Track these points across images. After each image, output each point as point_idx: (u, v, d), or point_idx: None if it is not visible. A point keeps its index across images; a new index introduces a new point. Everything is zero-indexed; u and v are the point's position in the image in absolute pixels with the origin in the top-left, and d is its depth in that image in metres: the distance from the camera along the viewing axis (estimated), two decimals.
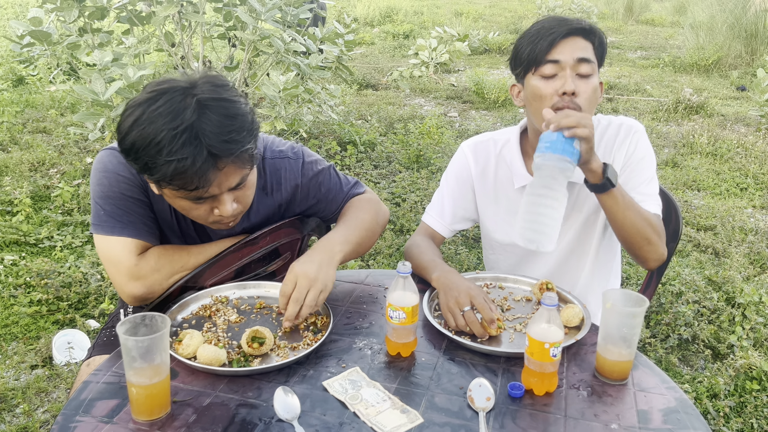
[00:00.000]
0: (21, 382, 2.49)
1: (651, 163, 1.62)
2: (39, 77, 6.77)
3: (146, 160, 1.24)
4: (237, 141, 1.26)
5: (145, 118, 1.23)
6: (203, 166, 1.23)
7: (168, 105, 1.23)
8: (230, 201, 1.36)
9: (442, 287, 1.48)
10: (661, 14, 14.87)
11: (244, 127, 1.29)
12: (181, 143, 1.21)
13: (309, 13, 4.43)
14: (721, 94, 7.55)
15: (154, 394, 1.12)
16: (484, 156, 1.75)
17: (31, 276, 3.15)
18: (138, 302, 1.47)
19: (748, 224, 3.97)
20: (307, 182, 1.60)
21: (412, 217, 3.93)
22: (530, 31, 1.56)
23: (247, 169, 1.34)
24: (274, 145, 1.60)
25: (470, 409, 1.17)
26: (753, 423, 2.28)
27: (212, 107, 1.25)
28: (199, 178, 1.25)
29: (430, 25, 11.83)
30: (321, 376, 1.26)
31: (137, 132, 1.23)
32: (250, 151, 1.32)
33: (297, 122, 4.88)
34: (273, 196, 1.58)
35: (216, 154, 1.24)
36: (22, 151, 4.87)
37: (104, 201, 1.44)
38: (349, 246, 1.52)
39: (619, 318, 1.22)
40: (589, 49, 1.53)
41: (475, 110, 6.83)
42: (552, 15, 1.59)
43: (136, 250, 1.45)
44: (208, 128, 1.23)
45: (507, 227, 1.76)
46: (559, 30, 1.51)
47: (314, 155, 1.64)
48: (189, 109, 1.23)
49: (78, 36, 4.09)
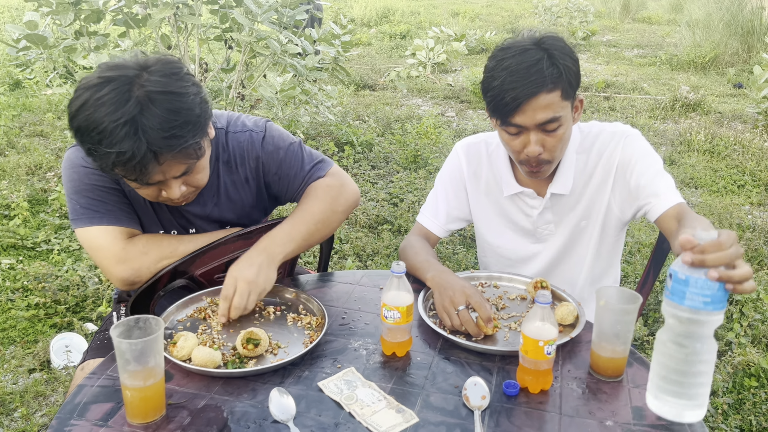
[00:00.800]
0: (19, 386, 2.48)
1: (654, 161, 1.57)
2: (36, 81, 6.77)
3: (89, 146, 1.25)
4: (179, 137, 1.26)
5: (90, 104, 1.23)
6: (142, 160, 1.24)
7: (113, 94, 1.22)
8: (177, 185, 1.37)
9: (436, 287, 1.48)
10: (657, 12, 14.89)
11: (189, 121, 1.27)
12: (121, 136, 1.21)
13: (305, 14, 4.43)
14: (717, 91, 7.56)
15: (148, 397, 1.12)
16: (476, 157, 1.75)
17: (29, 280, 3.15)
18: (126, 285, 1.48)
19: (745, 221, 3.97)
20: (268, 157, 1.58)
21: (410, 217, 3.93)
22: (493, 84, 1.45)
23: (191, 160, 1.34)
24: (239, 120, 1.60)
25: (465, 407, 1.17)
26: (752, 420, 2.28)
27: (157, 101, 1.24)
28: (139, 171, 1.26)
29: (426, 26, 11.84)
30: (316, 377, 1.26)
31: (83, 117, 1.24)
32: (195, 146, 1.31)
33: (294, 123, 4.88)
34: (238, 171, 1.58)
35: (156, 150, 1.25)
36: (19, 155, 4.87)
37: (78, 195, 1.45)
38: (293, 245, 1.50)
39: (613, 315, 1.22)
40: (554, 101, 1.43)
41: (473, 110, 6.84)
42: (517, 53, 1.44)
43: (121, 235, 1.46)
44: (149, 123, 1.22)
45: (498, 228, 1.76)
46: (522, 93, 1.41)
47: (280, 131, 1.62)
48: (132, 102, 1.22)
49: (74, 39, 4.09)
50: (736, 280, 0.98)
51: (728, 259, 0.98)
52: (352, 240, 3.66)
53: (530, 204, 1.69)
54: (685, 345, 1.03)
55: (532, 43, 1.46)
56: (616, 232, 1.69)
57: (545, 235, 1.72)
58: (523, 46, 1.46)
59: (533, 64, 1.42)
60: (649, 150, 1.60)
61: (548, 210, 1.68)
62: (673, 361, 1.04)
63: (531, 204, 1.69)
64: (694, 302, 0.99)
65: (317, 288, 1.63)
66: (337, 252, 3.55)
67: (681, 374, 1.04)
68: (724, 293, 0.99)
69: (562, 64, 1.44)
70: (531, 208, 1.69)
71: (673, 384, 1.05)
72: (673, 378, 1.05)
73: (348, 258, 3.47)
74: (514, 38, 1.52)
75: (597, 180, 1.63)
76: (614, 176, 1.61)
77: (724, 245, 0.98)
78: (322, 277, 1.70)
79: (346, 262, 3.40)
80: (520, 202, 1.71)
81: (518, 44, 1.47)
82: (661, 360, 1.06)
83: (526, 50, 1.44)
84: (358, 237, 3.68)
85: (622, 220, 1.65)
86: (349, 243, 3.63)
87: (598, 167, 1.63)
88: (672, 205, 1.49)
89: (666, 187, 1.52)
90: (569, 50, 1.49)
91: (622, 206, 1.62)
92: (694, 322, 1.01)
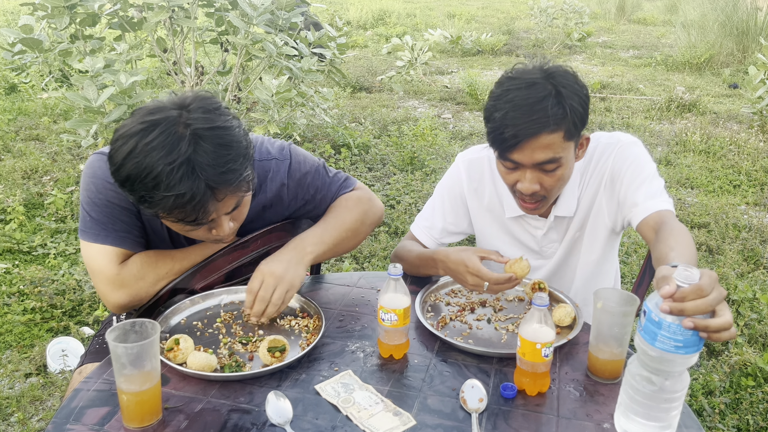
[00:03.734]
0: (15, 391, 2.47)
1: (642, 168, 1.54)
2: (31, 85, 6.75)
3: (143, 194, 1.22)
4: (234, 170, 1.25)
5: (139, 150, 1.20)
6: (202, 199, 1.22)
7: (163, 137, 1.20)
8: (227, 222, 1.35)
9: (450, 275, 1.53)
10: (652, 13, 14.93)
11: (240, 154, 1.26)
12: (178, 178, 1.19)
13: (300, 16, 4.43)
14: (713, 91, 7.58)
15: (145, 401, 1.11)
16: (478, 174, 1.72)
17: (25, 284, 3.14)
18: (123, 310, 1.47)
19: (741, 221, 3.98)
20: (295, 184, 1.58)
21: (407, 219, 3.93)
22: (495, 115, 1.41)
23: (244, 193, 1.33)
24: (263, 147, 1.58)
25: (463, 410, 1.17)
26: (749, 419, 2.28)
27: (207, 137, 1.22)
28: (198, 211, 1.24)
29: (423, 28, 11.85)
30: (313, 380, 1.25)
31: (132, 165, 1.20)
32: (248, 178, 1.30)
33: (290, 126, 4.88)
34: (257, 198, 1.57)
35: (214, 187, 1.23)
36: (15, 159, 4.85)
37: (91, 207, 1.43)
38: (323, 246, 1.50)
39: (611, 317, 1.22)
40: (555, 142, 1.39)
41: (469, 111, 6.84)
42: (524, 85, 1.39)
43: (117, 258, 1.44)
44: (205, 161, 1.20)
45: (502, 247, 1.75)
46: (523, 131, 1.37)
47: (304, 154, 1.62)
48: (184, 141, 1.20)
49: (69, 43, 4.08)
50: (713, 329, 0.94)
51: (708, 307, 0.94)
52: None
53: (534, 225, 1.69)
54: (654, 383, 1.03)
55: (541, 76, 1.40)
56: (610, 240, 1.69)
57: (550, 252, 1.72)
58: (532, 79, 1.40)
59: (538, 101, 1.37)
60: (641, 158, 1.56)
61: (552, 230, 1.68)
62: (640, 395, 1.05)
63: (535, 225, 1.68)
64: (665, 345, 0.97)
65: (314, 290, 1.63)
66: None
67: (649, 407, 1.05)
68: (699, 338, 0.96)
69: (569, 104, 1.38)
70: (535, 228, 1.69)
71: (643, 407, 1.06)
72: (642, 406, 1.05)
73: (345, 260, 3.46)
74: (524, 66, 1.46)
75: (591, 192, 1.63)
76: (605, 188, 1.60)
77: (704, 290, 0.94)
78: (319, 279, 1.70)
79: (343, 264, 3.40)
80: (524, 223, 1.70)
81: (527, 75, 1.41)
82: (631, 390, 1.07)
83: (533, 84, 1.39)
84: None
85: (614, 230, 1.66)
86: None
87: (593, 180, 1.62)
88: (649, 213, 1.46)
89: (646, 195, 1.49)
90: (578, 88, 1.42)
91: (613, 218, 1.62)
92: (665, 361, 1.00)
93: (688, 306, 0.94)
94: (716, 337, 0.95)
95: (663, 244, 1.29)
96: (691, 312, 0.94)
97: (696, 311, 0.94)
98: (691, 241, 1.30)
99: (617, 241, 1.74)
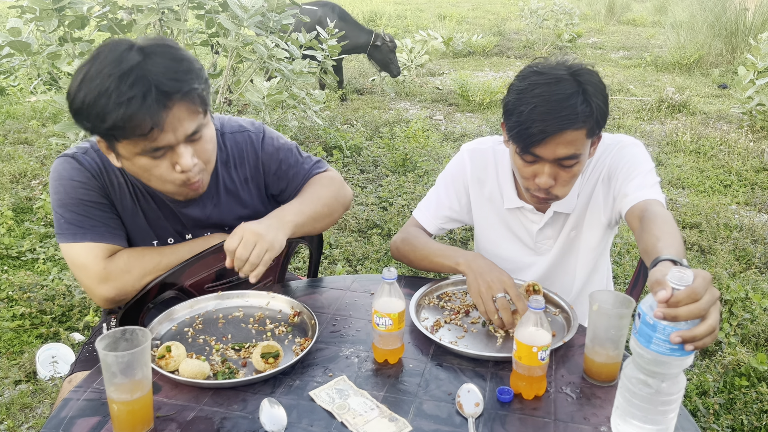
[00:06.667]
0: (5, 398, 2.44)
1: (638, 165, 1.55)
2: (20, 88, 6.70)
3: (97, 111, 1.23)
4: (185, 80, 1.26)
5: (91, 73, 1.23)
6: (153, 105, 1.22)
7: (112, 55, 1.24)
8: (188, 153, 1.33)
9: (472, 272, 1.46)
10: (642, 14, 15.03)
11: (192, 69, 1.28)
12: (128, 84, 1.21)
13: (291, 18, 4.42)
14: (703, 92, 7.63)
15: (136, 410, 1.09)
16: (482, 163, 1.72)
17: (14, 290, 3.10)
18: (111, 304, 1.45)
19: (732, 221, 4.00)
20: (268, 157, 1.60)
21: (399, 221, 3.91)
22: (521, 108, 1.40)
23: (199, 113, 1.32)
24: (232, 121, 1.60)
25: (459, 415, 1.16)
26: (743, 419, 2.28)
27: (158, 53, 1.26)
28: (151, 117, 1.23)
29: (414, 29, 11.86)
30: (307, 386, 1.24)
31: (86, 87, 1.23)
32: (200, 91, 1.30)
33: (282, 128, 4.86)
34: (237, 171, 1.57)
35: (165, 91, 1.23)
36: (3, 163, 4.80)
37: (63, 209, 1.42)
38: (302, 217, 1.51)
39: (607, 319, 1.22)
40: (578, 139, 1.40)
41: (461, 113, 6.85)
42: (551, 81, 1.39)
43: (102, 253, 1.42)
44: (155, 68, 1.23)
45: (497, 239, 1.76)
46: (551, 127, 1.37)
47: (276, 133, 1.64)
48: (133, 53, 1.24)
49: (58, 45, 4.05)
50: (699, 338, 0.95)
51: (701, 312, 0.94)
52: (341, 245, 3.64)
53: (531, 219, 1.68)
54: (650, 385, 1.03)
55: (567, 73, 1.40)
56: (605, 237, 1.70)
57: (544, 249, 1.72)
58: (557, 75, 1.40)
59: (566, 98, 1.37)
60: (639, 156, 1.57)
61: (549, 226, 1.68)
62: (636, 398, 1.05)
63: (532, 219, 1.68)
64: (660, 348, 0.98)
65: (307, 294, 1.61)
66: (326, 257, 3.53)
67: (646, 410, 1.05)
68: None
69: (595, 103, 1.39)
70: (532, 222, 1.69)
71: (640, 410, 1.05)
72: (639, 408, 1.05)
73: (338, 263, 3.45)
74: (545, 61, 1.46)
75: (588, 190, 1.63)
76: (602, 184, 1.61)
77: (698, 293, 0.94)
78: (312, 283, 1.68)
79: (336, 267, 3.38)
80: (522, 216, 1.70)
81: (552, 71, 1.41)
82: (627, 393, 1.07)
83: (560, 80, 1.39)
84: (348, 242, 3.67)
85: (609, 225, 1.66)
86: (338, 248, 3.61)
87: (591, 178, 1.62)
88: (636, 202, 1.46)
89: (637, 186, 1.50)
90: (602, 87, 1.43)
91: (608, 213, 1.62)
92: (661, 363, 1.00)
93: (681, 312, 0.94)
94: (700, 344, 0.96)
95: (648, 233, 1.29)
96: (685, 318, 0.94)
97: (689, 316, 0.94)
98: (675, 229, 1.29)
99: (611, 239, 1.75)
